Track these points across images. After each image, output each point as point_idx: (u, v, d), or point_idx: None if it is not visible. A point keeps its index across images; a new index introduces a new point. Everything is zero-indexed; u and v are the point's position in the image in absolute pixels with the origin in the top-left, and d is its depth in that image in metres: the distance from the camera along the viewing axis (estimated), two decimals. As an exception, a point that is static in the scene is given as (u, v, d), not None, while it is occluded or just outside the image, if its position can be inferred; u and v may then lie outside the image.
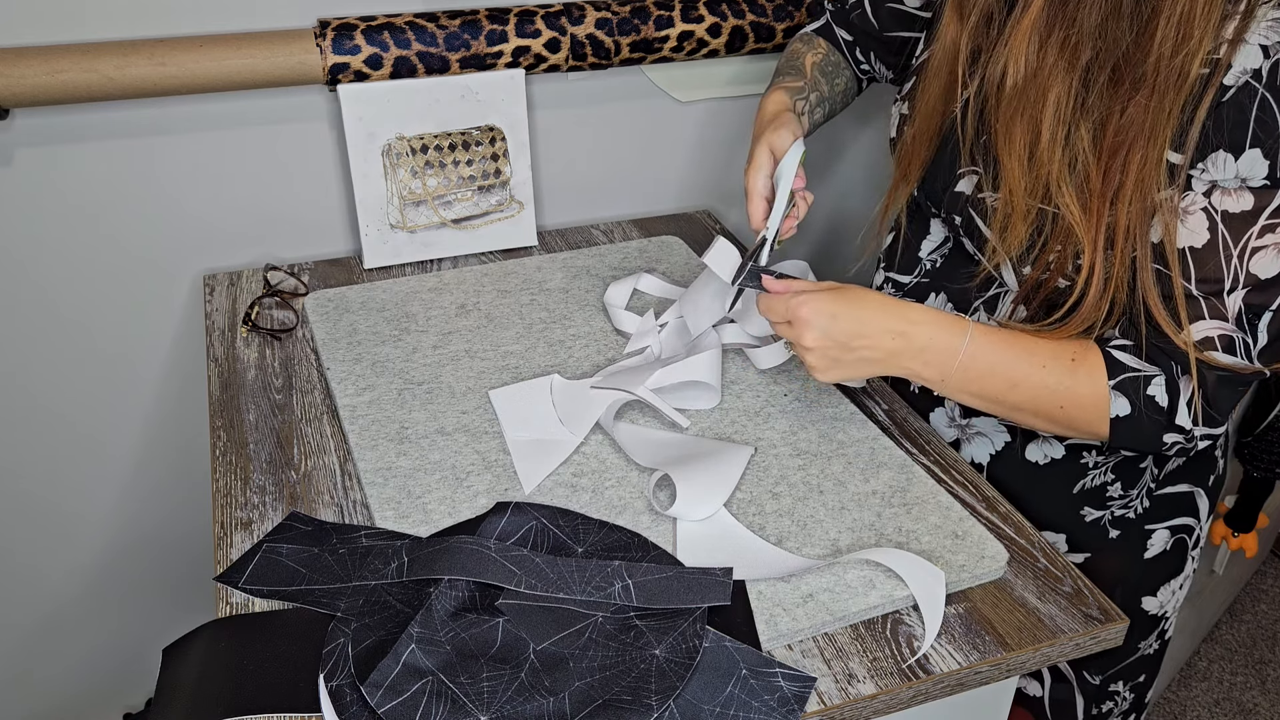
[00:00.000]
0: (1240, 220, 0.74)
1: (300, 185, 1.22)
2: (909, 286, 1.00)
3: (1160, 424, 0.80)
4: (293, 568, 0.76)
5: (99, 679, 1.44)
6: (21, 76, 1.02)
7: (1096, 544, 0.96)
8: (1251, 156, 0.72)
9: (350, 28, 1.12)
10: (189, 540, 1.37)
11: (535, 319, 1.10)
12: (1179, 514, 0.96)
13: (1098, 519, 0.95)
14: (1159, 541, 0.96)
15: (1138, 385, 0.80)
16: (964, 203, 0.90)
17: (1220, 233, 0.75)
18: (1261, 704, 1.77)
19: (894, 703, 0.70)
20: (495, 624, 0.70)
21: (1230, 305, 0.76)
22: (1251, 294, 0.75)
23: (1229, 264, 0.75)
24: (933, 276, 0.98)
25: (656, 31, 1.22)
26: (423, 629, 0.69)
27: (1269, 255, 0.74)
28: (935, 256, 0.97)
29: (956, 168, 0.90)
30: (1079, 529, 0.95)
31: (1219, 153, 0.73)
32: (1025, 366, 0.81)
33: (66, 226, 1.15)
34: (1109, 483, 0.93)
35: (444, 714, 0.64)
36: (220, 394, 0.99)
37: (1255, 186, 0.73)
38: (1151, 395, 0.79)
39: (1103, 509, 0.94)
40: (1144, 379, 0.80)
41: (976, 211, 0.88)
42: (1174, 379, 0.79)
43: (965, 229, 0.91)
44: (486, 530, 0.78)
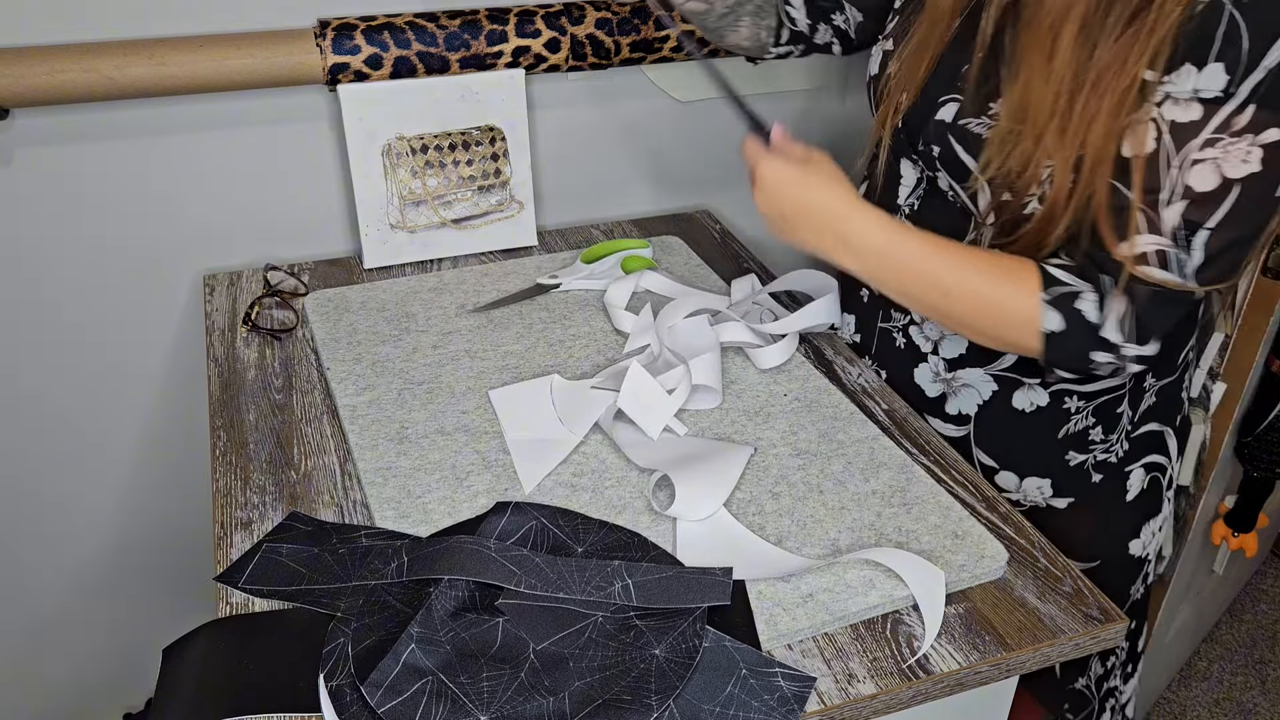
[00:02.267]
0: (1185, 130, 0.74)
1: (300, 185, 1.22)
2: None
3: (1089, 340, 0.80)
4: (293, 568, 0.76)
5: (99, 679, 1.44)
6: (21, 76, 1.02)
7: (1080, 489, 0.97)
8: (1212, 70, 0.72)
9: (350, 28, 1.12)
10: (189, 540, 1.37)
11: (535, 319, 1.10)
12: (1151, 452, 0.98)
13: (1081, 463, 0.96)
14: (1136, 482, 0.98)
15: (1069, 300, 0.80)
16: (944, 131, 0.89)
17: (1165, 142, 0.75)
18: (1261, 704, 1.77)
19: (894, 703, 0.71)
20: (495, 624, 0.70)
21: (1167, 219, 0.75)
22: (1189, 209, 0.75)
23: (1167, 173, 0.75)
24: (915, 219, 0.97)
25: (656, 31, 1.22)
26: (423, 629, 0.69)
27: (1207, 169, 0.74)
28: (912, 200, 0.97)
29: (939, 95, 0.90)
30: (1064, 474, 0.96)
31: (1184, 66, 0.73)
32: (956, 274, 0.83)
33: (66, 226, 1.15)
34: (1090, 426, 0.94)
35: (444, 714, 0.64)
36: (220, 394, 0.99)
37: (1207, 98, 0.73)
38: (1080, 310, 0.79)
39: (1085, 453, 0.95)
40: (1074, 293, 0.80)
41: (957, 138, 0.88)
42: (1106, 295, 0.79)
43: (943, 159, 0.90)
44: (486, 530, 0.78)
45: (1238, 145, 0.73)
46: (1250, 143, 0.73)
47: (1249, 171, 0.73)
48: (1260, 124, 0.72)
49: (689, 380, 0.94)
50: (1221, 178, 0.73)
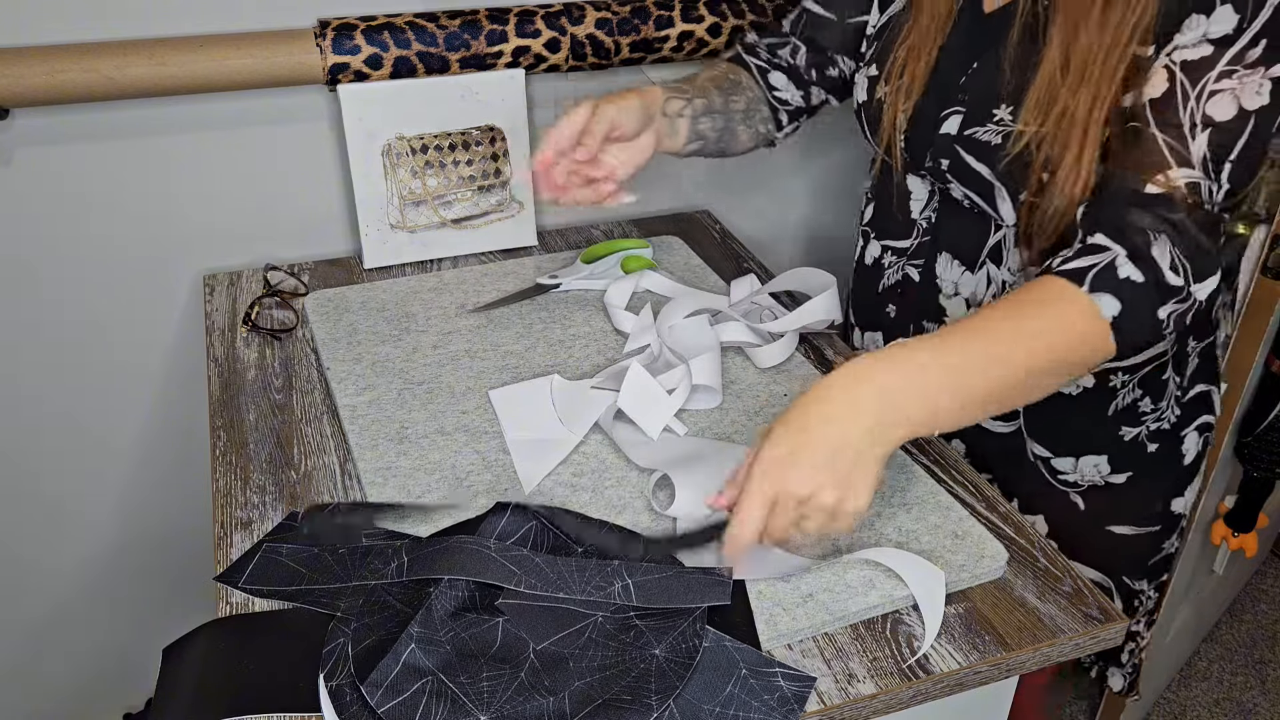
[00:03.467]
0: (1199, 66, 0.75)
1: (300, 185, 1.23)
2: (911, 249, 1.00)
3: (1152, 298, 0.74)
4: (293, 568, 0.76)
5: (99, 679, 1.44)
6: (21, 76, 1.02)
7: (1138, 461, 0.97)
8: (1221, 12, 0.74)
9: (350, 28, 1.12)
10: (189, 540, 1.37)
11: (535, 319, 1.10)
12: (1201, 413, 0.99)
13: (1135, 435, 0.96)
14: (1191, 445, 0.99)
15: (1109, 274, 0.74)
16: (951, 144, 0.89)
17: (1179, 80, 0.76)
18: (1261, 704, 1.77)
19: (894, 702, 0.70)
20: (495, 624, 0.70)
21: (1195, 150, 0.75)
22: (1214, 136, 0.75)
23: (1185, 107, 0.75)
24: (934, 235, 0.97)
25: (656, 31, 1.22)
26: (422, 628, 0.69)
27: (1226, 99, 0.75)
28: (929, 214, 0.97)
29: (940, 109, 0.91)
30: (1120, 449, 0.96)
31: (1191, 17, 0.75)
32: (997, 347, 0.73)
33: (66, 226, 1.15)
34: (1139, 399, 0.95)
35: (444, 714, 0.64)
36: (220, 394, 0.99)
37: (1214, 38, 0.75)
38: (1126, 277, 0.74)
39: (1138, 425, 0.96)
40: (1106, 265, 0.74)
41: (966, 149, 0.88)
42: (1141, 250, 0.74)
43: (954, 171, 0.90)
44: (486, 530, 0.78)
45: (1252, 77, 0.74)
46: (1263, 75, 0.74)
47: (1261, 104, 0.74)
48: (1271, 58, 0.74)
49: (689, 380, 0.94)
50: (1239, 107, 0.74)
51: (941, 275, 0.97)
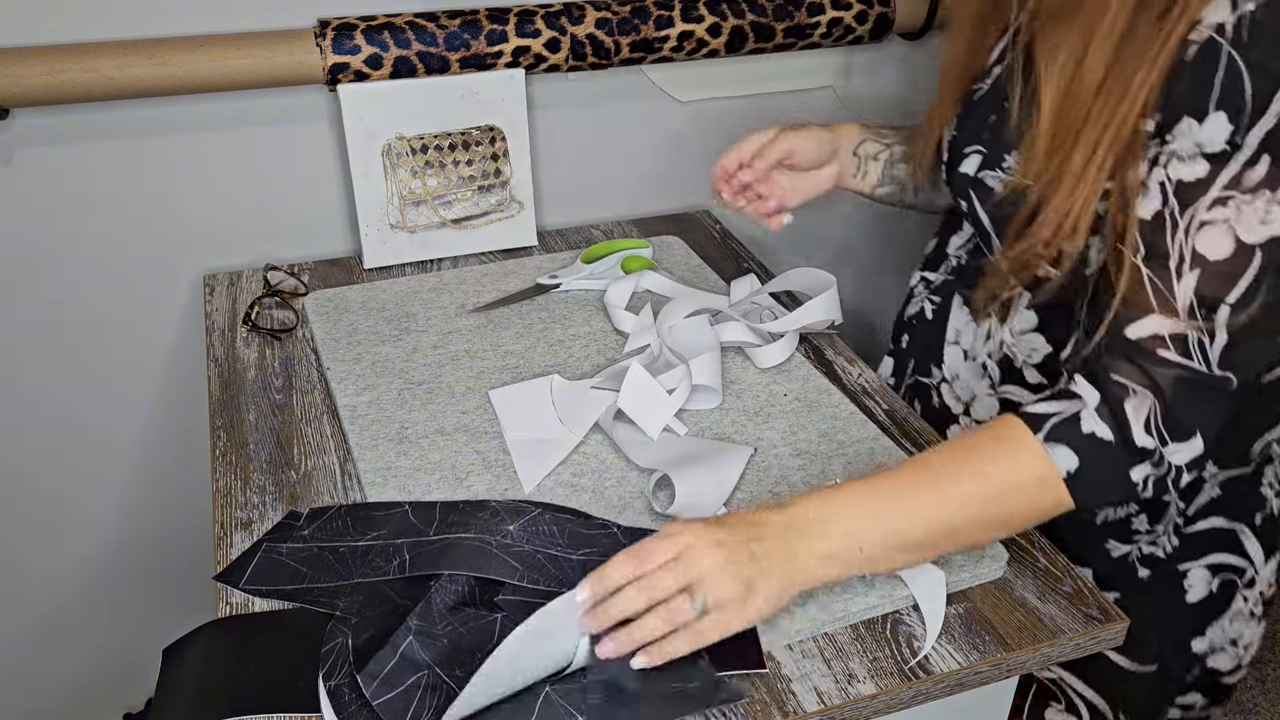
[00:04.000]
0: (1191, 189, 0.66)
1: (300, 185, 1.22)
2: (936, 284, 0.97)
3: (1118, 458, 0.68)
4: (293, 567, 0.76)
5: (99, 679, 1.44)
6: (21, 76, 1.02)
7: (1127, 584, 0.88)
8: (1214, 120, 0.65)
9: (350, 28, 1.12)
10: (189, 540, 1.37)
11: (535, 319, 1.10)
12: (1216, 550, 0.86)
13: (1125, 554, 0.88)
14: (1199, 582, 0.87)
15: (1069, 427, 0.68)
16: (966, 184, 0.85)
17: (1170, 204, 0.67)
18: (1261, 704, 1.77)
19: (894, 703, 0.70)
20: (493, 619, 0.70)
21: (1180, 295, 0.66)
22: (1203, 280, 0.65)
23: (1174, 238, 0.66)
24: (958, 274, 0.94)
25: (656, 31, 1.22)
26: (421, 621, 0.69)
27: (1218, 232, 0.65)
28: (961, 253, 0.93)
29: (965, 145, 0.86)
30: (1106, 563, 0.88)
31: (1182, 121, 0.66)
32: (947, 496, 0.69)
33: (66, 227, 1.15)
34: (1133, 514, 0.86)
35: (438, 706, 0.65)
36: (220, 394, 0.99)
37: (1211, 153, 0.65)
38: (1088, 431, 0.68)
39: (1128, 544, 0.87)
40: (1070, 416, 0.69)
41: (977, 193, 0.83)
42: (1115, 402, 0.68)
43: (969, 216, 0.86)
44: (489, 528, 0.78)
45: (1253, 204, 0.64)
46: (1269, 200, 0.64)
47: (1270, 235, 0.64)
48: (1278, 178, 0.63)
49: (689, 380, 0.94)
50: (1236, 242, 0.64)
51: (952, 318, 0.93)
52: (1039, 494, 0.69)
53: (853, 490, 0.69)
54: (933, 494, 0.69)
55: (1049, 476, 0.68)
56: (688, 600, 0.64)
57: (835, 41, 1.31)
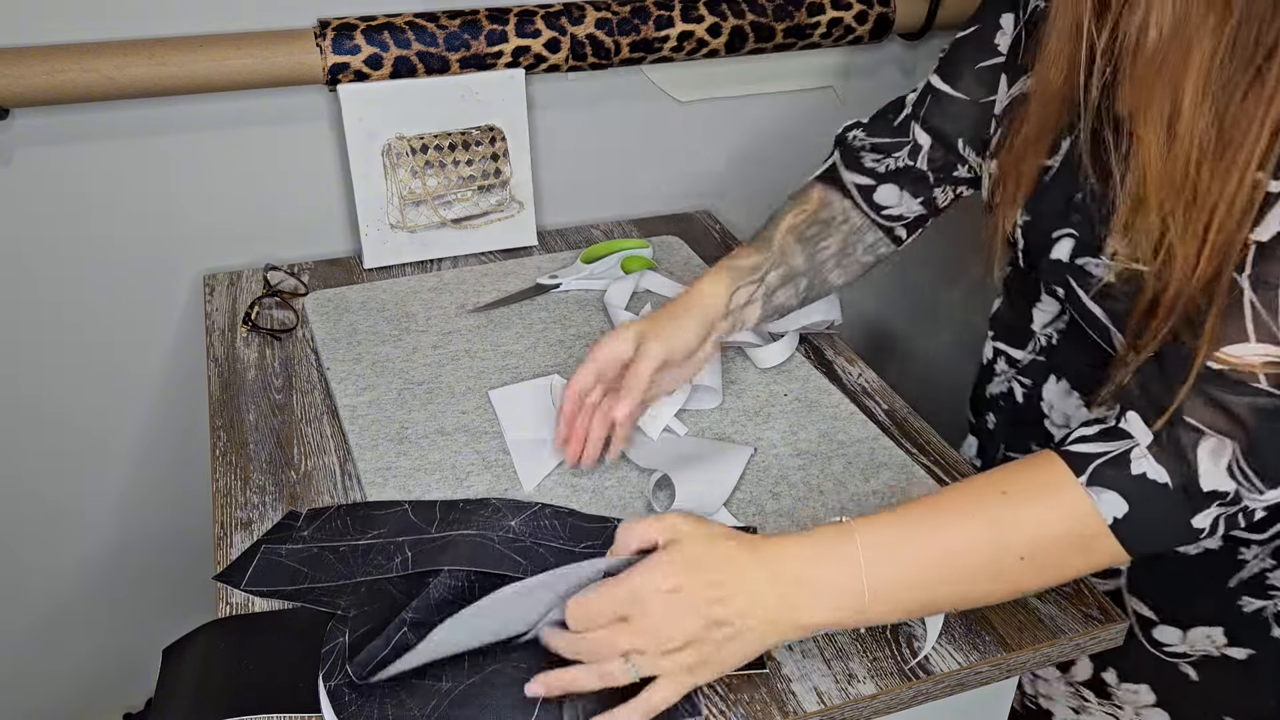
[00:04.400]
0: None
1: (300, 185, 1.22)
2: (1024, 364, 0.88)
3: (1178, 504, 0.63)
4: (293, 567, 0.76)
5: (99, 679, 1.44)
6: (21, 76, 1.02)
7: (1260, 639, 0.83)
8: None
9: (350, 28, 1.12)
10: (189, 540, 1.37)
11: (535, 319, 1.10)
12: None
13: (1259, 609, 0.82)
14: None
15: (1119, 468, 0.63)
16: (1063, 271, 0.76)
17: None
18: (1261, 704, 1.76)
19: (894, 703, 0.70)
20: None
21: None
22: None
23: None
24: (1049, 355, 0.84)
25: (656, 31, 1.22)
26: (416, 614, 0.69)
27: None
28: (1050, 331, 0.84)
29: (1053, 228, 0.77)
30: (1238, 621, 0.82)
31: None
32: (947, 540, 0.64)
33: (66, 226, 1.15)
34: (1269, 570, 0.80)
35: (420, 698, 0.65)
36: (220, 394, 0.99)
37: None
38: (1141, 473, 0.63)
39: (1264, 599, 0.81)
40: (1119, 457, 0.63)
41: (1078, 281, 0.74)
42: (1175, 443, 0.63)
43: (1071, 304, 0.76)
44: (491, 525, 0.78)
45: None
46: None
47: None
48: None
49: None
50: None
51: (1052, 402, 0.85)
52: (1083, 545, 0.64)
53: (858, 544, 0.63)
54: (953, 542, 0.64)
55: (1093, 527, 0.63)
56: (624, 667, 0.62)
57: (835, 41, 1.31)
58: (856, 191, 0.93)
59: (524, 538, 0.76)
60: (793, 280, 0.91)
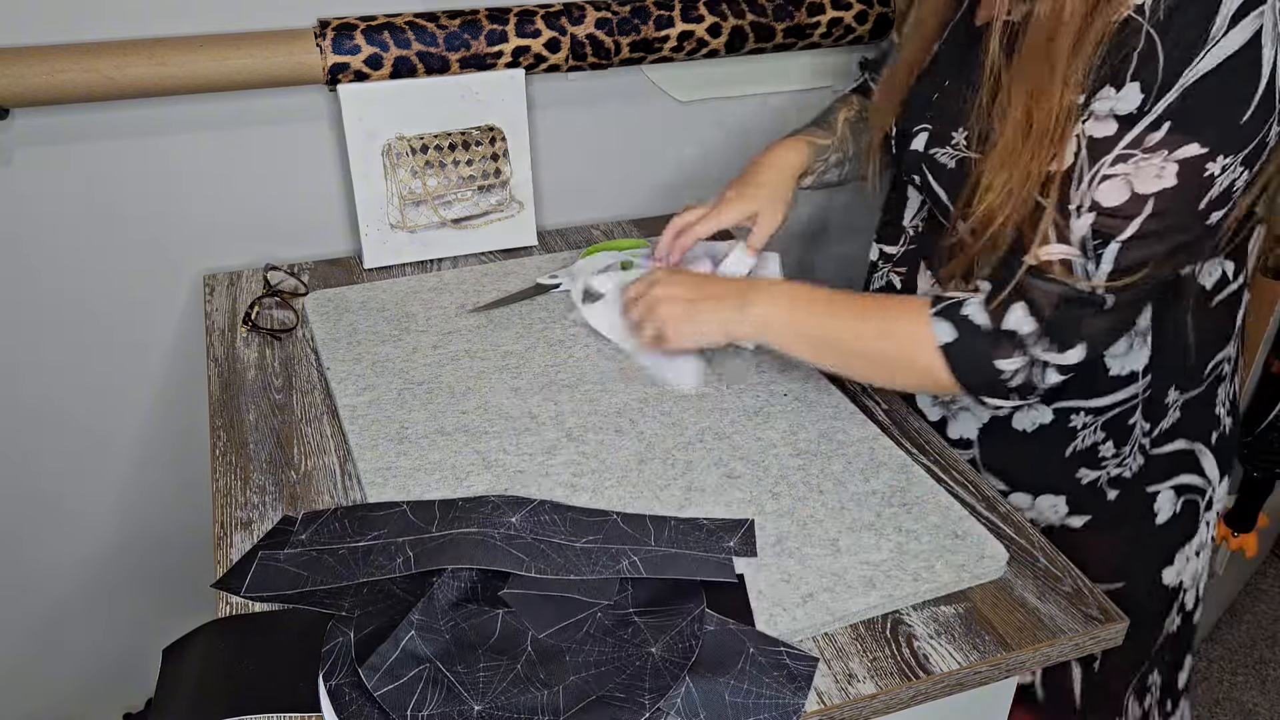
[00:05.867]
0: (1099, 145, 0.75)
1: (300, 185, 1.22)
2: (897, 256, 1.01)
3: (987, 343, 0.80)
4: (293, 572, 0.76)
5: (99, 679, 1.44)
6: (21, 76, 1.02)
7: (1097, 506, 0.94)
8: (1129, 89, 0.73)
9: (350, 28, 1.12)
10: (189, 540, 1.37)
11: (535, 319, 1.10)
12: (1180, 471, 0.94)
13: (1094, 480, 0.94)
14: (1166, 504, 0.95)
15: (955, 309, 0.82)
16: (918, 160, 0.90)
17: (1080, 158, 0.76)
18: (1261, 704, 1.77)
19: (894, 702, 0.71)
20: (495, 615, 0.71)
21: (1076, 230, 0.76)
22: (1098, 220, 0.75)
23: (1078, 187, 0.76)
24: (919, 244, 0.98)
25: (656, 31, 1.22)
26: (423, 616, 0.69)
27: (1117, 184, 0.74)
28: (916, 222, 0.98)
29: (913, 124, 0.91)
30: (1077, 490, 0.94)
31: (1105, 88, 0.74)
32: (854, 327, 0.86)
33: (66, 226, 1.15)
34: (1100, 441, 0.92)
35: (438, 701, 0.65)
36: (220, 394, 0.99)
37: (1121, 114, 0.74)
38: (966, 314, 0.81)
39: (1097, 469, 0.93)
40: (959, 301, 0.82)
41: (929, 167, 0.89)
42: (1002, 300, 0.80)
43: (923, 188, 0.91)
44: (493, 522, 0.78)
45: (1151, 161, 0.73)
46: (1164, 158, 0.73)
47: (1163, 186, 0.73)
48: (1175, 141, 0.72)
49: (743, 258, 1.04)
50: (1131, 192, 0.74)
51: (923, 289, 0.97)
52: (915, 350, 0.83)
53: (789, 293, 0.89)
54: (839, 320, 0.87)
55: (926, 340, 0.82)
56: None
57: (835, 41, 1.31)
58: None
59: (525, 534, 0.77)
60: (842, 163, 1.08)
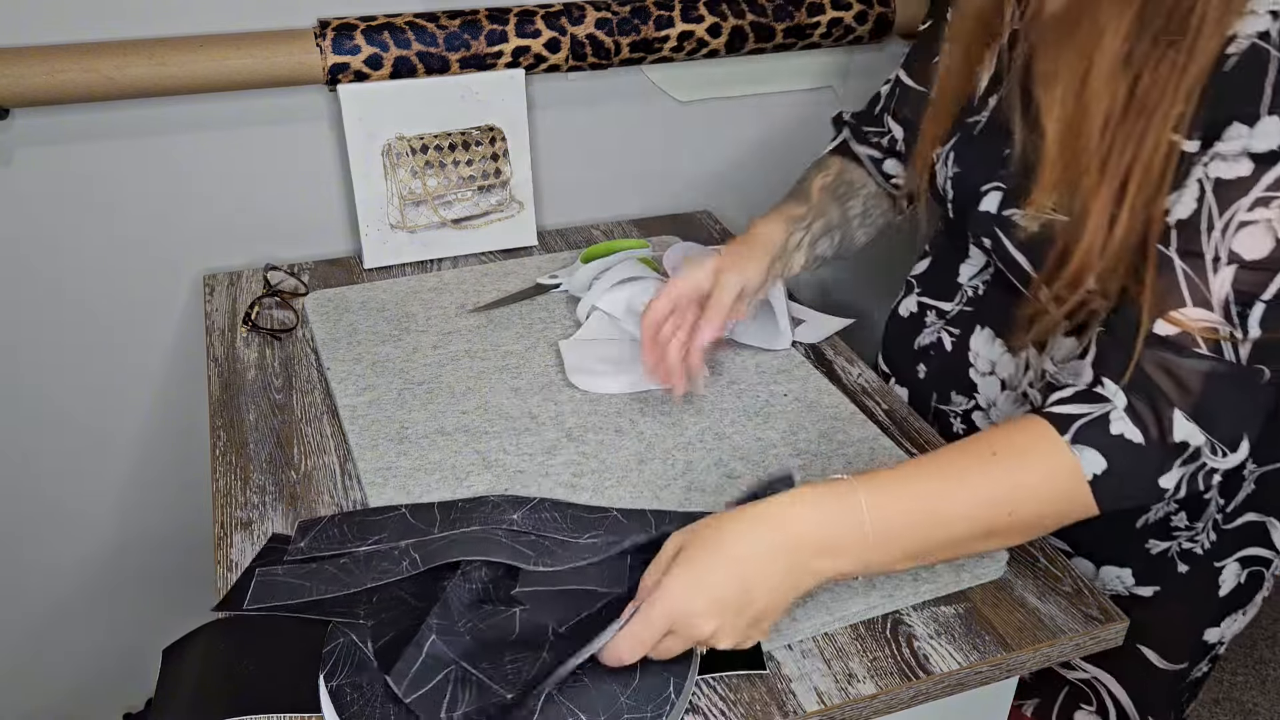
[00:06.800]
0: (1231, 188, 0.65)
1: (300, 185, 1.23)
2: (951, 315, 0.94)
3: (1150, 461, 0.67)
4: (295, 584, 0.75)
5: (99, 679, 1.44)
6: (21, 76, 1.02)
7: (1165, 579, 0.90)
8: (1268, 124, 0.64)
9: (350, 28, 1.12)
10: (189, 540, 1.37)
11: (535, 319, 1.10)
12: (1249, 544, 0.89)
13: (1164, 550, 0.88)
14: (1231, 576, 0.90)
15: (1099, 428, 0.68)
16: (990, 223, 0.81)
17: (1207, 201, 0.66)
18: (1261, 704, 1.77)
19: (894, 703, 0.71)
20: (512, 613, 0.71)
21: (1215, 289, 0.66)
22: (1239, 276, 0.65)
23: (1209, 236, 0.66)
24: (977, 306, 0.91)
25: (656, 31, 1.22)
26: (441, 619, 0.69)
27: (1257, 232, 0.64)
28: (976, 283, 0.90)
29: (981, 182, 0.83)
30: (1145, 561, 0.89)
31: (1231, 126, 0.66)
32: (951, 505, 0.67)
33: (66, 226, 1.15)
34: (1172, 513, 0.87)
35: (471, 698, 0.65)
36: (220, 394, 0.99)
37: (1258, 152, 0.65)
38: (1119, 434, 0.67)
39: (1168, 540, 0.87)
40: (1098, 418, 0.68)
41: (1004, 232, 0.80)
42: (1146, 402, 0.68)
43: (997, 254, 0.82)
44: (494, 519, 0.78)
45: None
46: None
47: None
48: None
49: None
50: (1276, 240, 0.64)
51: (977, 350, 0.91)
52: (1063, 498, 0.68)
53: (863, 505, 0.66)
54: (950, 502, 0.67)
55: (1075, 483, 0.67)
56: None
57: (835, 41, 1.32)
58: (869, 162, 1.02)
59: (528, 530, 0.77)
60: (830, 232, 0.98)
